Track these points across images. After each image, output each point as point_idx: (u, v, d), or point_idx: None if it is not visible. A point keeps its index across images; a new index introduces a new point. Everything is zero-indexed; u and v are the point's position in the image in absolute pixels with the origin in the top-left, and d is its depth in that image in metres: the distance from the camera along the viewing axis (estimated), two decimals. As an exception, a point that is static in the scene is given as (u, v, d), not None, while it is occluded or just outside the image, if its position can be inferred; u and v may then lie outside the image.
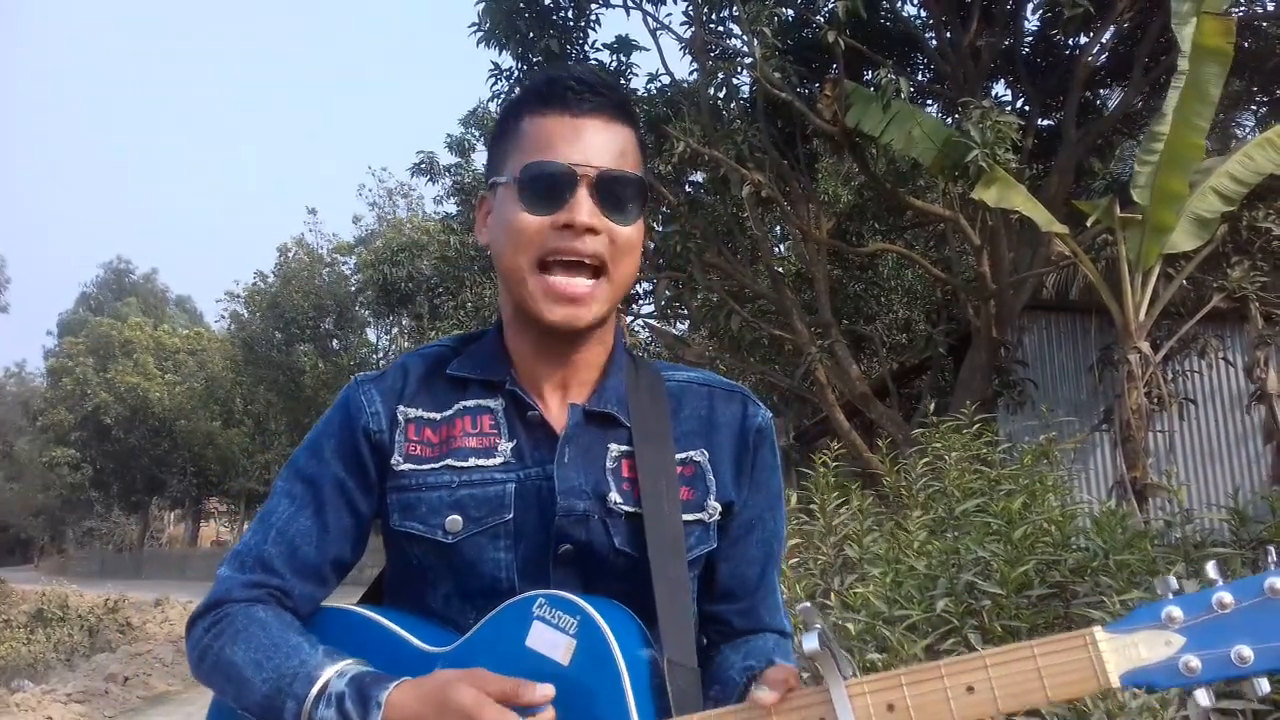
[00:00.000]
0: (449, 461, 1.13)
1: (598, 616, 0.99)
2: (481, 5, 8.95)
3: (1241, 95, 9.76)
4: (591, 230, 1.09)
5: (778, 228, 13.11)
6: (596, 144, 1.12)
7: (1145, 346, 6.80)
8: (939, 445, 4.67)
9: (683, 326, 16.69)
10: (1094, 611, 3.09)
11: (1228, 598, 0.88)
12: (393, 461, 1.14)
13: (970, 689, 0.90)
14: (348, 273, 28.87)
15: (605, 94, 1.14)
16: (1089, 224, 7.15)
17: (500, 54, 9.29)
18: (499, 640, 1.03)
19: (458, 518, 1.11)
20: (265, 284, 29.72)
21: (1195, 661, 0.88)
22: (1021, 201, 6.95)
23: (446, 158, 16.31)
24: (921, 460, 4.55)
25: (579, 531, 1.11)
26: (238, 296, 31.82)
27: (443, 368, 1.20)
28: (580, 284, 1.10)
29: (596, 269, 1.11)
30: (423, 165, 16.28)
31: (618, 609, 1.05)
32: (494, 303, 18.05)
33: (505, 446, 1.14)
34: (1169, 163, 6.50)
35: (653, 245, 10.36)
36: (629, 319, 16.19)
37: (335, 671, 1.00)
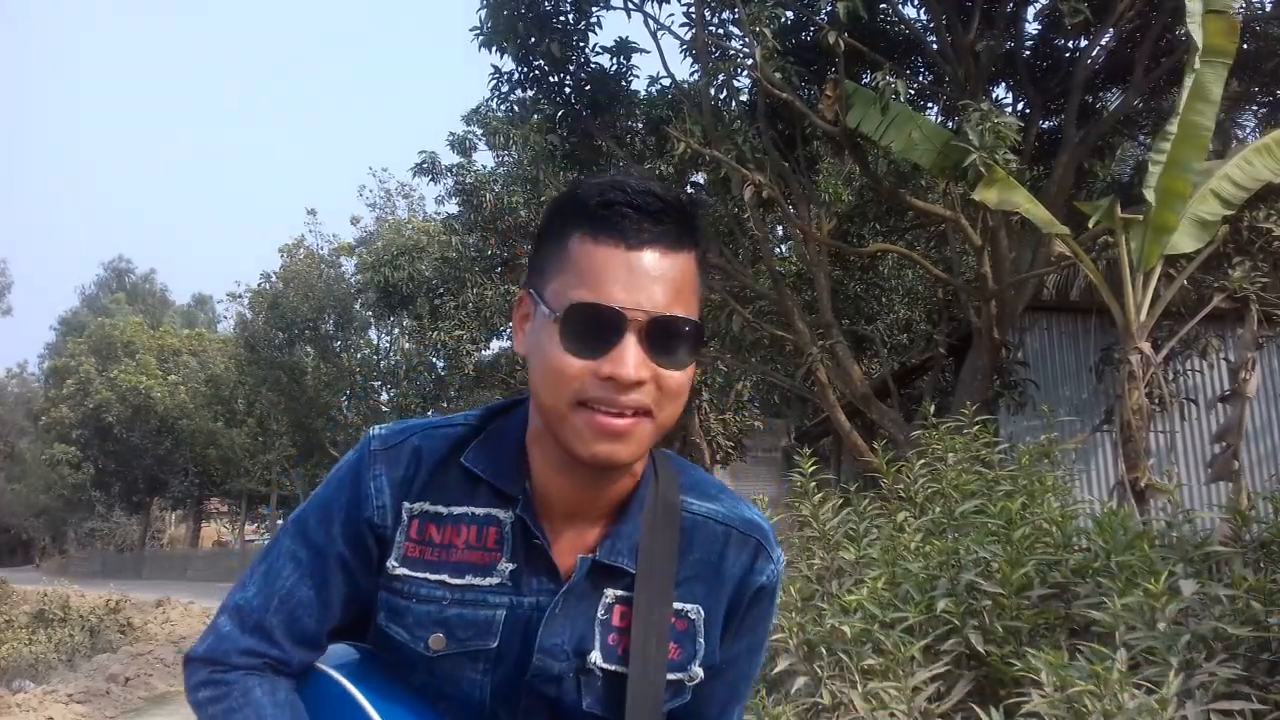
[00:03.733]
0: (444, 577, 1.10)
1: None
2: (484, 10, 8.96)
3: (1242, 96, 9.76)
4: (639, 382, 1.01)
5: (779, 228, 13.11)
6: (651, 282, 1.01)
7: (1146, 347, 6.80)
8: (939, 446, 4.67)
9: (684, 327, 16.65)
10: (1095, 613, 3.09)
11: None
12: (389, 563, 1.12)
13: None
14: (348, 274, 28.90)
15: (666, 220, 1.03)
16: (1090, 225, 7.15)
17: (501, 57, 9.30)
18: None
19: (442, 636, 1.10)
20: (269, 285, 29.77)
21: None
22: (1022, 202, 6.96)
23: (449, 157, 16.34)
24: (921, 461, 4.55)
25: (549, 689, 1.10)
26: (240, 297, 31.87)
27: (457, 455, 1.13)
28: (622, 422, 1.02)
29: (642, 414, 1.03)
30: (425, 165, 16.30)
31: None
32: (495, 303, 18.06)
33: (505, 567, 1.10)
34: (1173, 163, 6.51)
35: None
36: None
37: None
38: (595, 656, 1.09)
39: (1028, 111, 9.93)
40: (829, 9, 8.59)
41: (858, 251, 11.21)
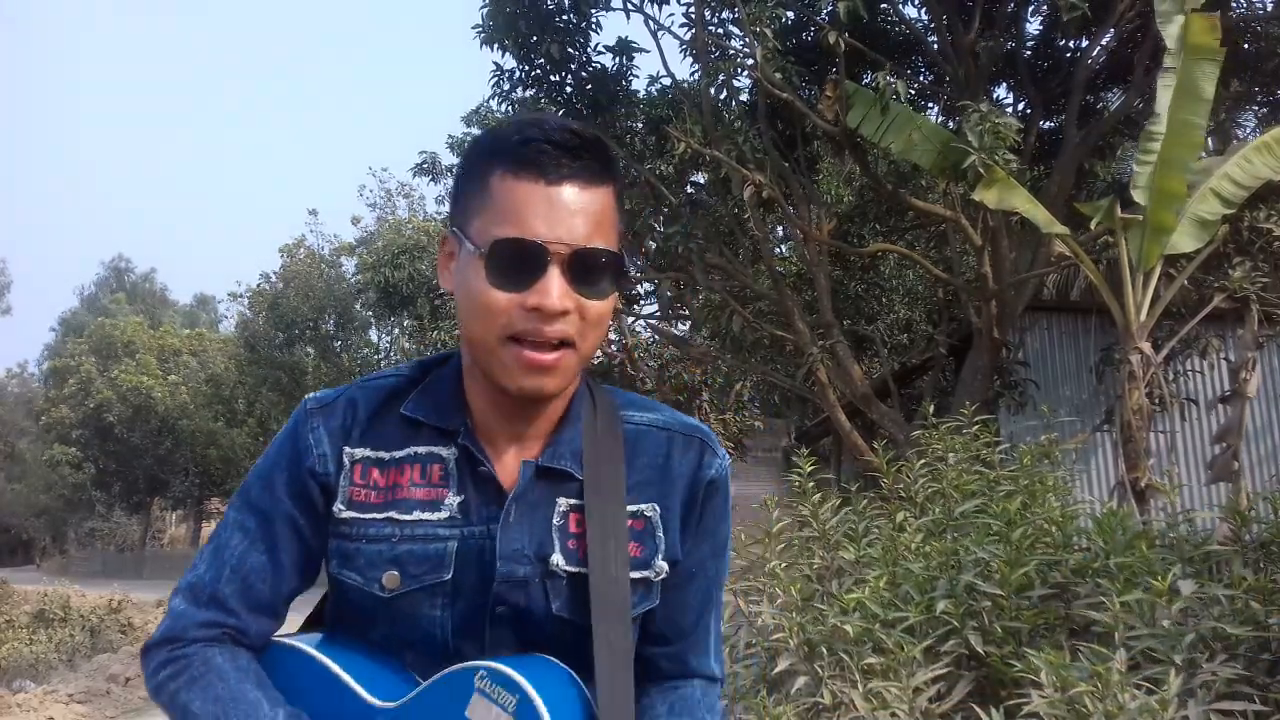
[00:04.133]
0: (392, 514, 1.11)
1: (537, 700, 0.98)
2: (485, 8, 8.96)
3: (1243, 96, 9.76)
4: (563, 312, 1.04)
5: (779, 228, 13.11)
6: (571, 216, 1.05)
7: (1146, 347, 6.80)
8: (939, 446, 4.67)
9: (684, 327, 16.70)
10: (1095, 613, 3.09)
11: None
12: (335, 508, 1.12)
13: None
14: (349, 274, 28.91)
15: (583, 155, 1.07)
16: (1090, 225, 7.15)
17: (503, 56, 9.30)
18: (441, 706, 1.04)
19: (395, 574, 1.09)
20: (270, 285, 29.79)
21: None
22: (1022, 203, 6.96)
23: (449, 157, 16.34)
24: (921, 461, 4.55)
25: (517, 596, 1.10)
26: (240, 297, 31.88)
27: (396, 404, 1.15)
28: (548, 356, 1.05)
29: (566, 346, 1.07)
30: (425, 165, 16.31)
31: (557, 679, 1.04)
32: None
33: (452, 500, 1.11)
34: (1166, 163, 6.51)
35: (654, 246, 10.37)
36: (630, 320, 16.20)
37: None
38: (557, 559, 1.10)
39: (1028, 111, 9.94)
40: (829, 9, 8.59)
41: (858, 251, 11.21)
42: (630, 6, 9.19)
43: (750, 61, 8.47)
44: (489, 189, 1.07)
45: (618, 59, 9.47)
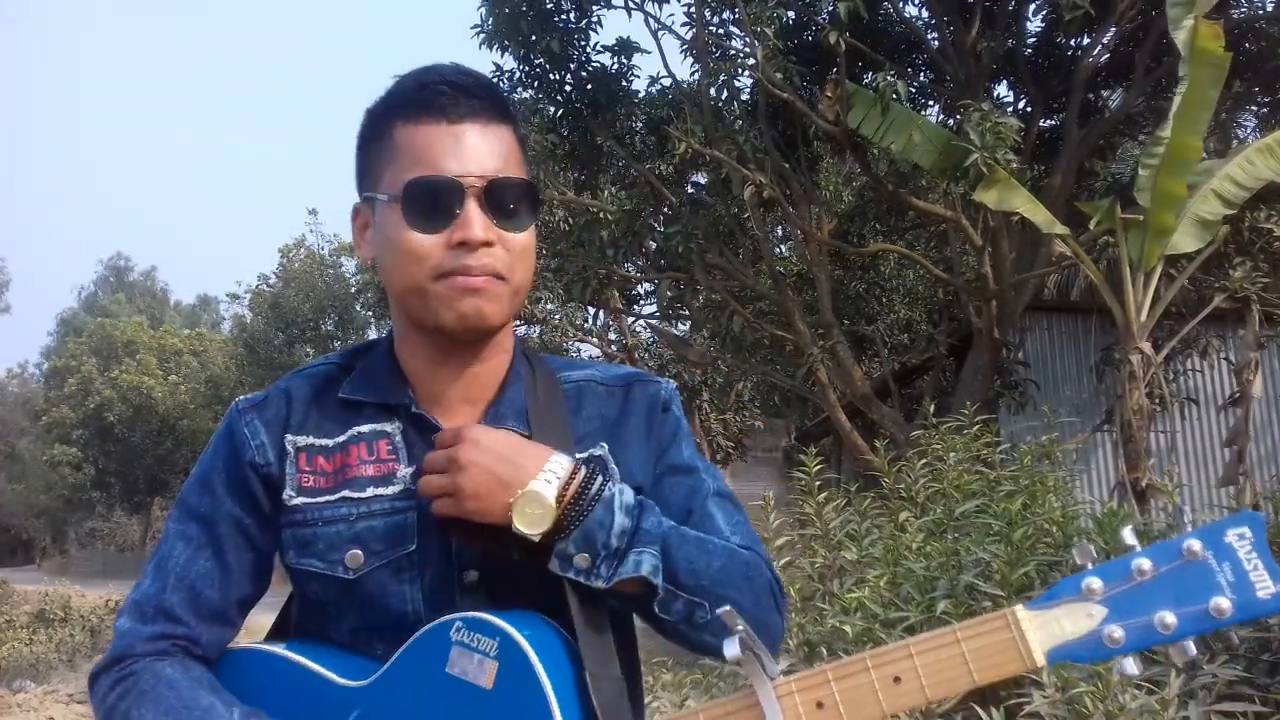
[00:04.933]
0: (345, 493, 1.07)
1: (518, 635, 0.96)
2: (483, 7, 8.96)
3: (1243, 96, 9.76)
4: (487, 244, 1.04)
5: (779, 228, 13.11)
6: (479, 151, 1.05)
7: (1147, 347, 6.80)
8: (939, 446, 4.67)
9: (684, 327, 16.70)
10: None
11: (1146, 564, 0.88)
12: (285, 495, 1.08)
13: (897, 679, 0.89)
14: (348, 274, 28.91)
15: (481, 95, 1.08)
16: (1091, 225, 7.15)
17: (502, 55, 9.30)
18: (419, 669, 1.00)
19: (358, 552, 1.05)
20: (269, 286, 29.78)
21: (1118, 632, 0.87)
22: (1023, 203, 6.95)
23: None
24: (921, 461, 4.55)
25: (485, 561, 1.06)
26: (239, 298, 31.89)
27: (333, 390, 1.13)
28: (480, 279, 1.04)
29: (497, 277, 1.06)
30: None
31: (537, 622, 1.01)
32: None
33: (405, 472, 1.08)
34: (1169, 165, 6.51)
35: (654, 246, 10.36)
36: (630, 320, 16.21)
37: None
38: None
39: (1029, 111, 9.93)
40: (830, 9, 8.58)
41: (858, 251, 11.21)
42: (631, 5, 9.19)
43: (751, 61, 8.46)
44: (393, 141, 1.07)
45: (618, 58, 9.46)
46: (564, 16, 9.10)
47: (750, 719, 0.91)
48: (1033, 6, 9.60)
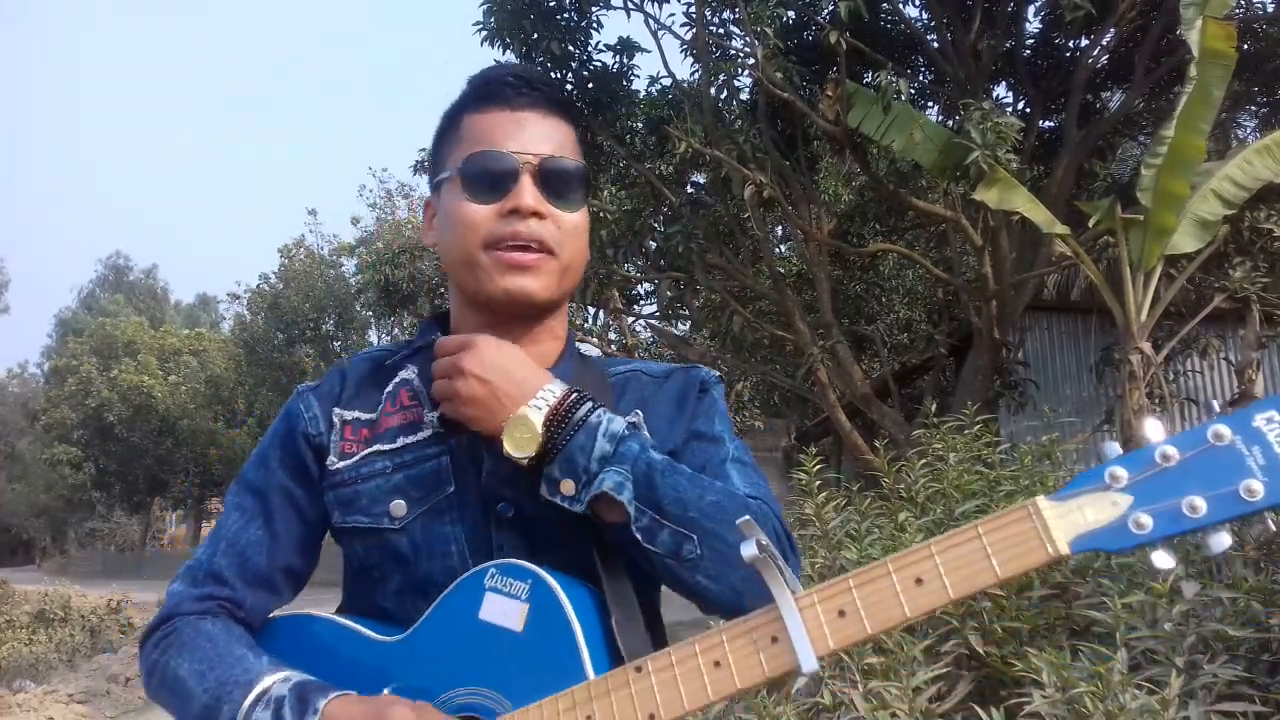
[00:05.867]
0: (376, 446, 1.12)
1: (549, 578, 0.99)
2: (485, 5, 8.95)
3: (1242, 96, 9.76)
4: (536, 215, 1.10)
5: (779, 228, 13.10)
6: (536, 135, 1.13)
7: (1147, 347, 6.80)
8: (940, 446, 4.66)
9: (684, 327, 16.68)
10: (1095, 613, 3.09)
11: (1172, 450, 0.85)
12: (328, 461, 1.13)
13: (919, 580, 0.87)
14: (349, 274, 28.88)
15: (542, 89, 1.16)
16: (1091, 225, 7.15)
17: (504, 54, 9.29)
18: (453, 618, 1.02)
19: (400, 502, 1.09)
20: (269, 286, 29.77)
21: (1145, 518, 0.84)
22: (1023, 202, 6.95)
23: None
24: (921, 461, 4.54)
25: (507, 491, 1.08)
26: (240, 298, 31.87)
27: (382, 365, 1.19)
28: (528, 256, 1.10)
29: (545, 251, 1.11)
30: (424, 164, 16.25)
31: (564, 574, 1.02)
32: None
33: (431, 416, 1.12)
34: (1171, 165, 6.50)
35: (654, 246, 10.36)
36: (630, 319, 16.20)
37: (279, 678, 1.00)
38: None
39: (1028, 111, 9.92)
40: (830, 9, 8.58)
41: (858, 251, 11.20)
42: (631, 5, 9.18)
43: (751, 61, 8.46)
44: (460, 129, 1.16)
45: (618, 58, 9.46)
46: (565, 16, 9.10)
47: (773, 632, 0.90)
48: (1033, 7, 9.60)
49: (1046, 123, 10.31)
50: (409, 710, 0.93)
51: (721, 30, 9.17)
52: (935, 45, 9.62)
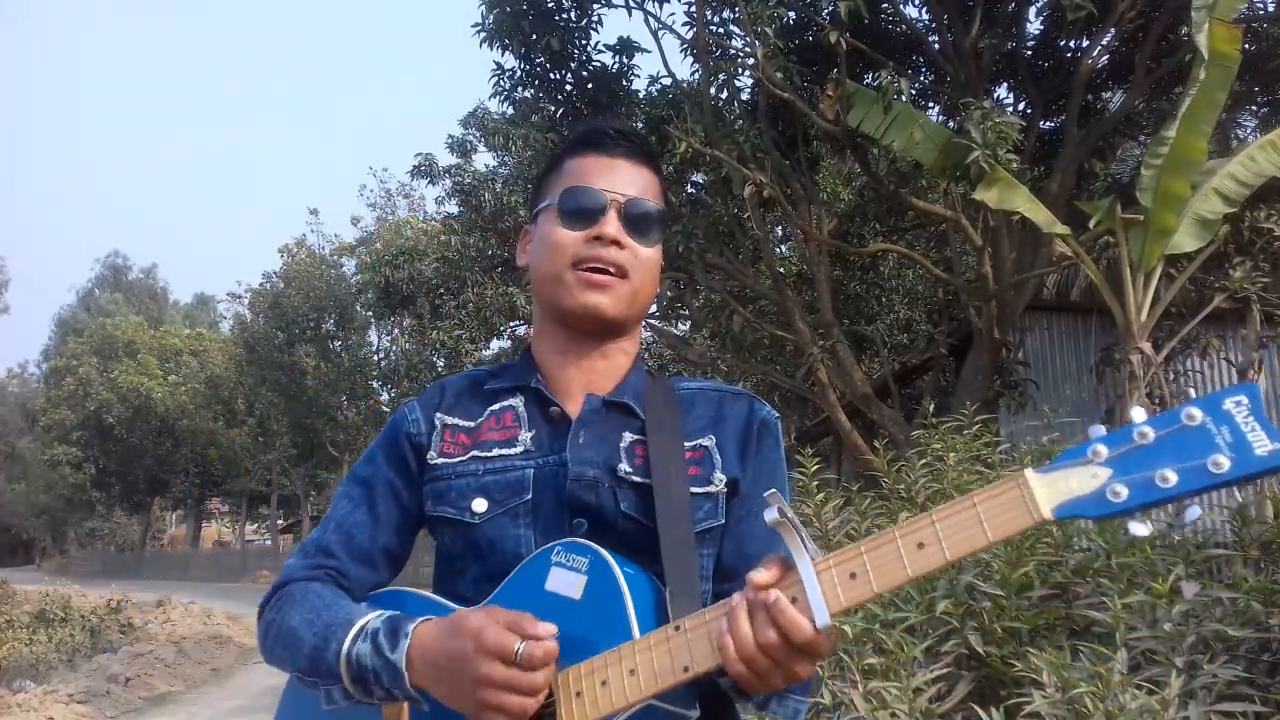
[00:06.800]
0: (475, 453, 1.28)
1: (606, 554, 1.12)
2: (484, 6, 8.95)
3: (1243, 96, 9.75)
4: (617, 244, 1.27)
5: (779, 228, 13.11)
6: (625, 179, 1.31)
7: (1147, 347, 6.80)
8: (939, 446, 4.66)
9: (684, 327, 16.67)
10: (1095, 613, 3.09)
11: (1149, 430, 0.94)
12: (428, 457, 1.30)
13: (921, 545, 0.97)
14: (349, 274, 28.85)
15: (635, 141, 1.35)
16: (1091, 225, 7.14)
17: (503, 54, 9.29)
18: (523, 588, 1.17)
19: (483, 500, 1.25)
20: (269, 285, 29.75)
21: (1121, 488, 0.92)
22: (1023, 202, 6.95)
23: (446, 158, 16.28)
24: (921, 461, 4.54)
25: (589, 496, 1.23)
26: (240, 297, 31.87)
27: (480, 385, 1.37)
28: (604, 277, 1.27)
29: (620, 276, 1.28)
30: (421, 168, 16.23)
31: (630, 562, 1.15)
32: (495, 303, 18.05)
33: (525, 436, 1.28)
34: (1172, 165, 6.50)
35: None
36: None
37: (375, 614, 1.16)
38: (624, 467, 1.24)
39: (1029, 111, 9.92)
40: (830, 9, 8.58)
41: (858, 251, 11.20)
42: (631, 4, 9.18)
43: (751, 61, 8.46)
44: (562, 168, 1.35)
45: (618, 57, 9.46)
46: (565, 15, 9.10)
47: (794, 593, 1.01)
48: (1034, 8, 9.60)
49: (1047, 123, 10.31)
50: (481, 614, 1.08)
51: (722, 30, 9.17)
52: (936, 45, 9.62)
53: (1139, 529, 0.93)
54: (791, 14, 9.19)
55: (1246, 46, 8.52)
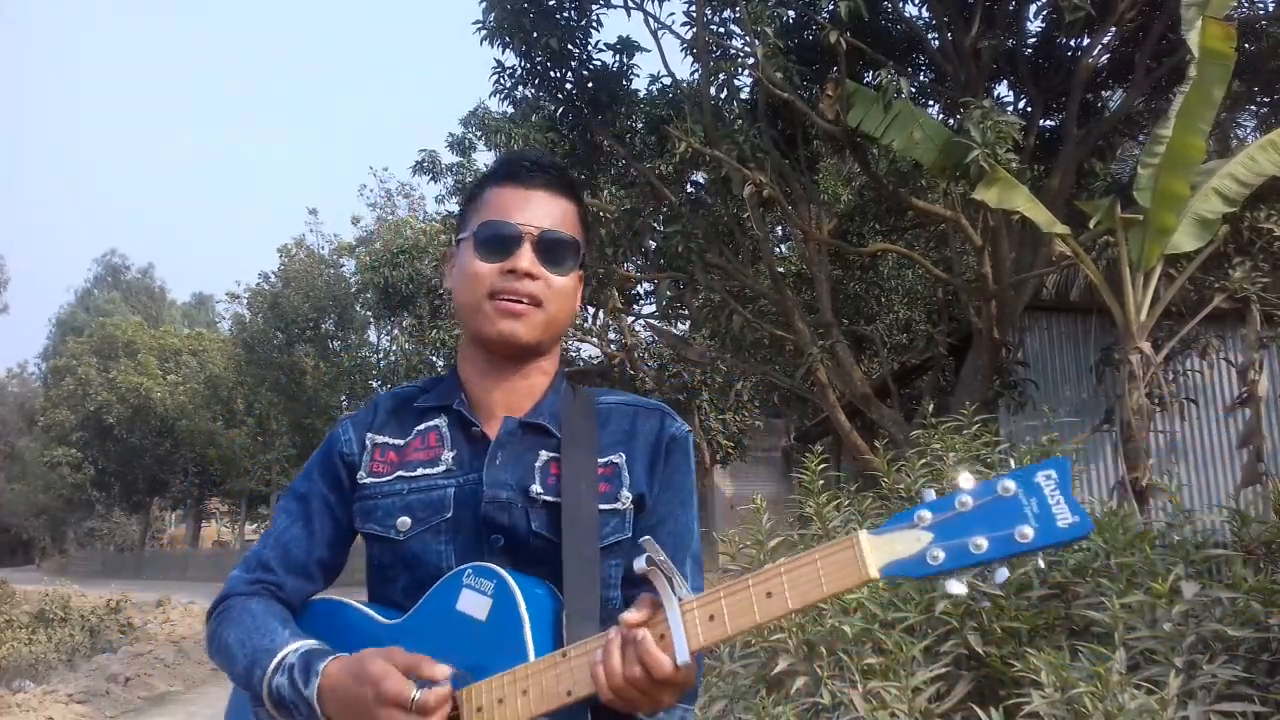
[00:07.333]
0: (400, 473, 1.37)
1: (510, 579, 1.23)
2: (485, 3, 8.93)
3: (1242, 96, 9.74)
4: (530, 275, 1.34)
5: (779, 228, 13.10)
6: (540, 211, 1.37)
7: (1146, 347, 6.79)
8: (939, 446, 4.66)
9: (684, 327, 16.69)
10: (1095, 613, 3.08)
11: (968, 499, 1.02)
12: (358, 476, 1.39)
13: (769, 594, 1.07)
14: (349, 274, 28.81)
15: (551, 172, 1.42)
16: (1090, 225, 7.14)
17: (503, 52, 9.28)
18: (438, 607, 1.28)
19: (406, 519, 1.34)
20: (268, 285, 29.71)
21: (940, 552, 1.01)
22: (1023, 202, 6.94)
23: (448, 157, 16.30)
24: (921, 461, 4.54)
25: (502, 516, 1.31)
26: (239, 297, 31.83)
27: (410, 403, 1.44)
28: (519, 305, 1.34)
29: (535, 305, 1.35)
30: (424, 164, 16.25)
31: (536, 581, 1.26)
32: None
33: (447, 456, 1.37)
34: (1171, 164, 6.49)
35: (654, 246, 10.35)
36: (629, 319, 16.20)
37: (294, 648, 1.25)
38: (536, 488, 1.32)
39: (1029, 110, 9.91)
40: (830, 8, 8.57)
41: (858, 251, 11.20)
42: (631, 4, 9.17)
43: (751, 61, 8.45)
44: (482, 199, 1.41)
45: (618, 57, 9.45)
46: (565, 15, 9.09)
47: (662, 630, 1.10)
48: (1033, 7, 9.59)
49: (1047, 122, 10.30)
50: (381, 659, 1.17)
51: (721, 30, 9.16)
52: (936, 44, 9.61)
53: (956, 588, 1.01)
54: (791, 13, 9.18)
55: (1246, 46, 8.53)
